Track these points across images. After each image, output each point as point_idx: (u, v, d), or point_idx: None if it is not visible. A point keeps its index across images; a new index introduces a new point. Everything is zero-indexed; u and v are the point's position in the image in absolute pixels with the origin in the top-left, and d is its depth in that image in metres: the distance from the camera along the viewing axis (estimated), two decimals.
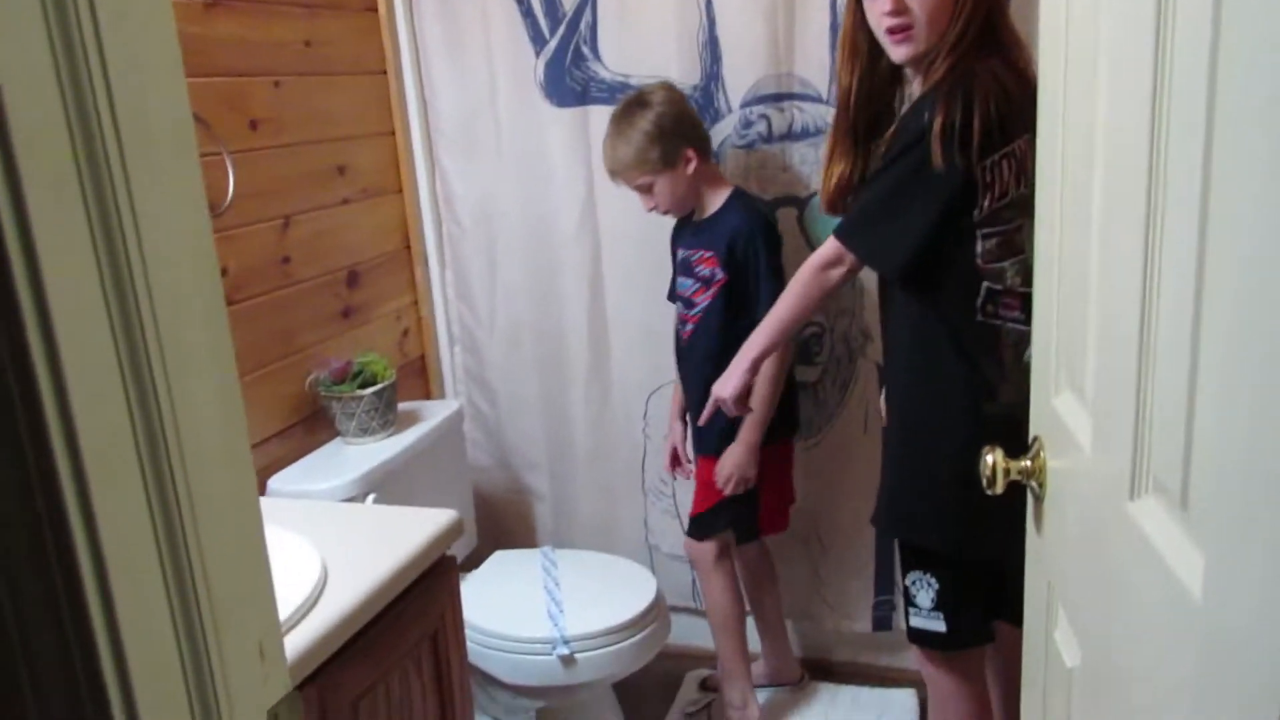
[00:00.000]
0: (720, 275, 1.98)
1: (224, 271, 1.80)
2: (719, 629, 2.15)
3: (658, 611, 2.00)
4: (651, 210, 2.03)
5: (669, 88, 2.02)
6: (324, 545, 1.38)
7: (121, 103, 0.54)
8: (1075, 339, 0.90)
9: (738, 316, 1.96)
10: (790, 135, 2.13)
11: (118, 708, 0.57)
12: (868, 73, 1.59)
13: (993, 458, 1.03)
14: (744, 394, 1.73)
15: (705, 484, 2.08)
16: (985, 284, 1.48)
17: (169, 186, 0.58)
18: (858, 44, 1.58)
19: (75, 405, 0.52)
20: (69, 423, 0.52)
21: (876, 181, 1.56)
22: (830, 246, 1.60)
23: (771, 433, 2.00)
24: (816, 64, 2.06)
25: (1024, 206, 1.43)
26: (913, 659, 1.90)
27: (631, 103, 1.98)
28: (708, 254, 2.00)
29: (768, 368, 1.88)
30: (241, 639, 0.65)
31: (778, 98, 2.11)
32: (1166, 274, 0.65)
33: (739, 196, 2.02)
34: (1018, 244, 1.47)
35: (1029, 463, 1.03)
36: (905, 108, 1.59)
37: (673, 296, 2.16)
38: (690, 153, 1.96)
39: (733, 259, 1.96)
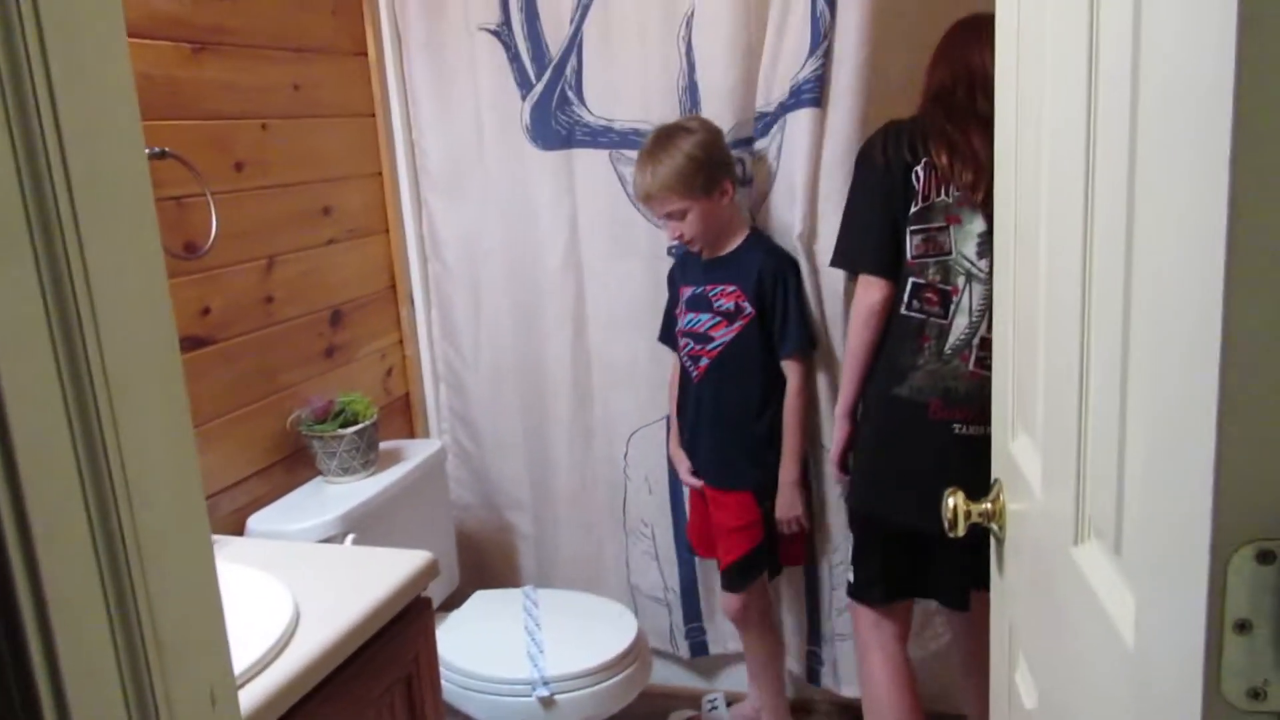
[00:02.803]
0: (749, 309, 1.98)
1: (206, 311, 1.81)
2: (764, 677, 2.18)
3: (639, 652, 2.00)
4: (677, 240, 2.01)
5: (705, 120, 2.02)
6: (298, 586, 1.39)
7: (75, 165, 0.55)
8: (1027, 383, 0.92)
9: (768, 351, 1.99)
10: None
11: None
12: None
13: (954, 501, 1.04)
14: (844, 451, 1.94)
15: (733, 530, 2.06)
16: (911, 279, 1.72)
17: (122, 243, 0.59)
18: None
19: (19, 448, 0.54)
20: (12, 465, 0.53)
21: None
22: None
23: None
24: None
25: (946, 210, 1.70)
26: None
27: (672, 129, 1.97)
28: (730, 288, 2.00)
29: (792, 401, 2.01)
30: (192, 686, 0.66)
31: (753, 140, 2.13)
32: (1097, 324, 0.67)
33: (759, 235, 2.05)
34: (940, 243, 1.70)
35: (989, 505, 1.04)
36: None
37: (667, 337, 2.17)
38: (728, 184, 1.96)
39: (761, 293, 1.97)
